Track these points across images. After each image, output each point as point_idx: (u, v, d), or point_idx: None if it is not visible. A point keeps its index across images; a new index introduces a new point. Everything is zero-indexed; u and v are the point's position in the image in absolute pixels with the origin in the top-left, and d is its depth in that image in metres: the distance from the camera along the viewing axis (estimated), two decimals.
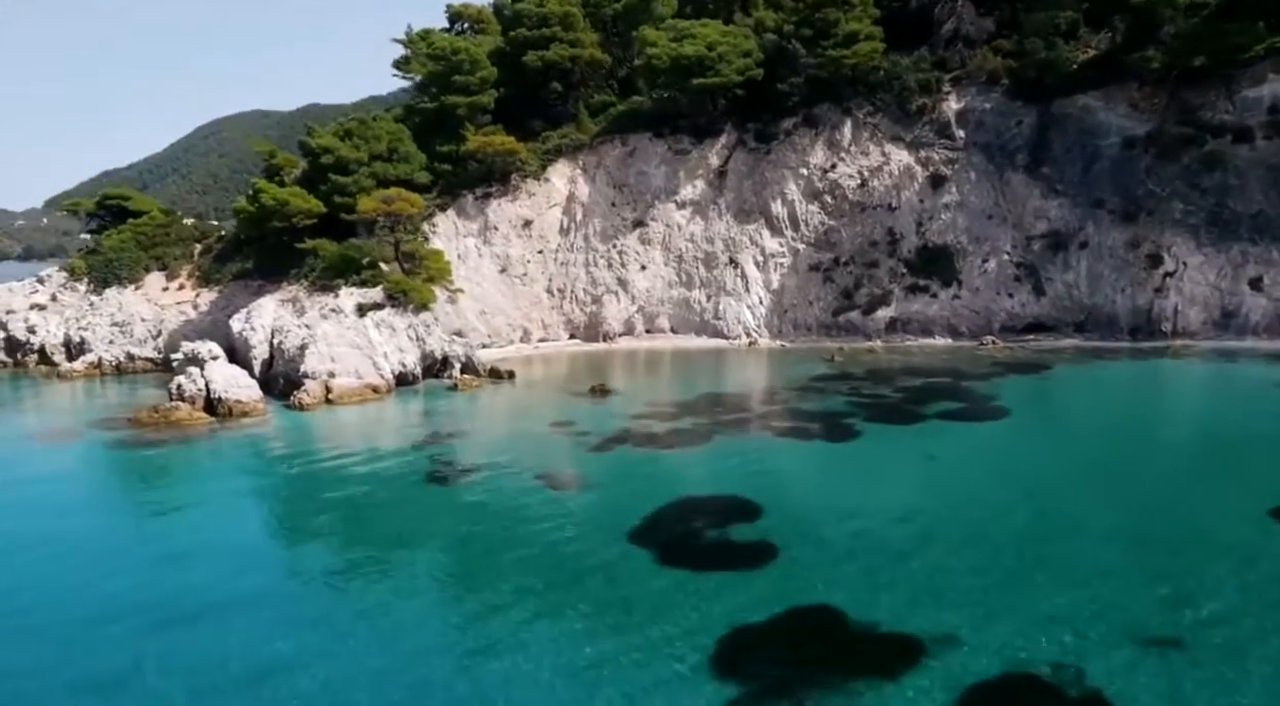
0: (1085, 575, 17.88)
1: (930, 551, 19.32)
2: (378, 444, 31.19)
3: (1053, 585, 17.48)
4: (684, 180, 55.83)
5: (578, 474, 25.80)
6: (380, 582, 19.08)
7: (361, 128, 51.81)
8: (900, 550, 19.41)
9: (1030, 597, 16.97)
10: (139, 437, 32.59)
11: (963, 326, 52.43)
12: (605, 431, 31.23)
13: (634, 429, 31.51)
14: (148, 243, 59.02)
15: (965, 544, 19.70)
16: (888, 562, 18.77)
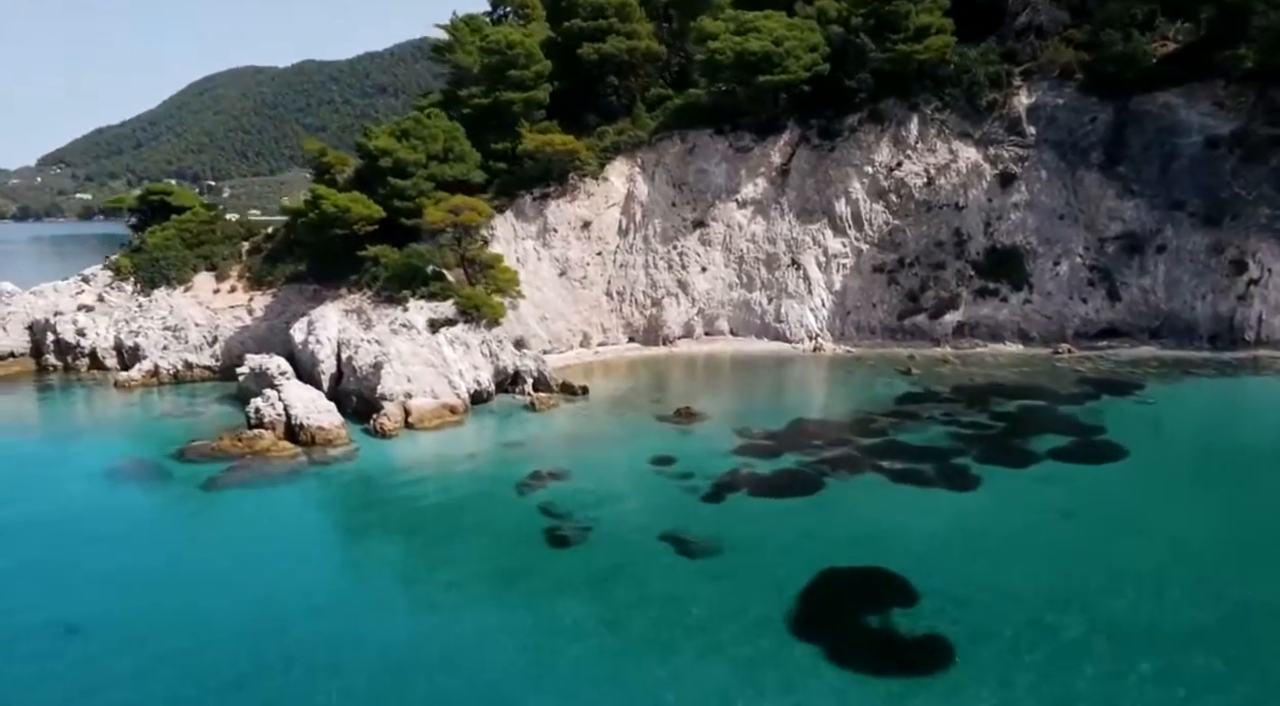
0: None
1: (1117, 649, 18.50)
2: (479, 486, 30.31)
3: None
4: (745, 178, 54.35)
5: (703, 535, 24.96)
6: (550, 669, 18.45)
7: (418, 127, 50.25)
8: (1081, 648, 18.63)
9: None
10: (232, 475, 31.73)
11: (1034, 332, 51.37)
12: (710, 472, 30.40)
13: (738, 469, 30.66)
14: (192, 240, 57.83)
15: (1148, 638, 18.95)
16: (1074, 667, 18.03)
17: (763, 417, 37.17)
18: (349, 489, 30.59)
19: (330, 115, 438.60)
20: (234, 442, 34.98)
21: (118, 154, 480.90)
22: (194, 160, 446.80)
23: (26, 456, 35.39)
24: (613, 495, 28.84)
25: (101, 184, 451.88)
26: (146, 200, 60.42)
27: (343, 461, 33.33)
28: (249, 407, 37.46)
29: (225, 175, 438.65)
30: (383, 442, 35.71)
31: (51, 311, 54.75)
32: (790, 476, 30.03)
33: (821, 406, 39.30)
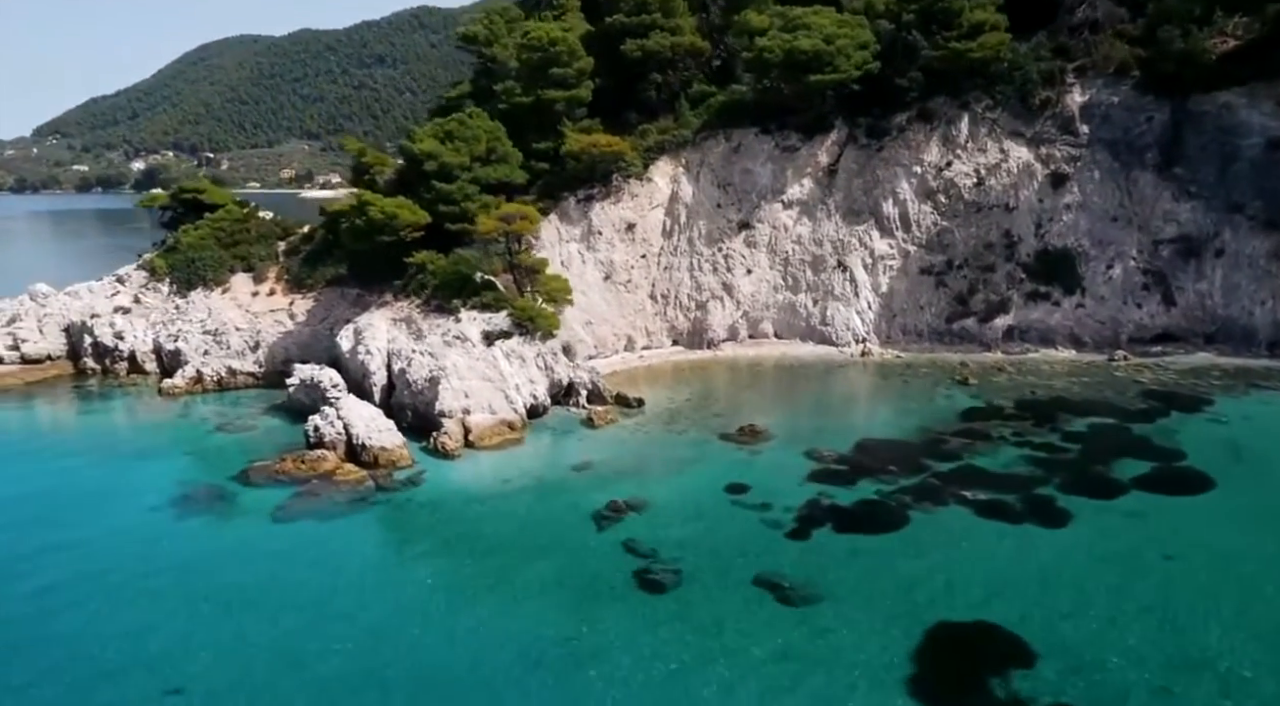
0: None
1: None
2: (555, 517, 29.82)
3: None
4: (791, 179, 53.38)
5: (798, 580, 24.52)
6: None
7: (461, 128, 49.21)
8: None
9: None
10: (300, 502, 31.36)
11: (1086, 337, 50.63)
12: (787, 502, 29.97)
13: (816, 499, 30.22)
14: (227, 240, 57.13)
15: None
16: None
17: (829, 436, 36.67)
18: (420, 521, 30.09)
19: (328, 85, 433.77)
20: (297, 465, 34.53)
21: (113, 124, 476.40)
22: (191, 131, 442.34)
23: (87, 481, 34.89)
24: (695, 531, 28.38)
25: (98, 155, 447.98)
26: (179, 198, 59.53)
27: (409, 487, 32.87)
28: (308, 426, 36.97)
29: (223, 147, 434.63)
30: (446, 464, 35.24)
31: (88, 313, 54.21)
32: (871, 508, 29.58)
33: (885, 422, 38.71)
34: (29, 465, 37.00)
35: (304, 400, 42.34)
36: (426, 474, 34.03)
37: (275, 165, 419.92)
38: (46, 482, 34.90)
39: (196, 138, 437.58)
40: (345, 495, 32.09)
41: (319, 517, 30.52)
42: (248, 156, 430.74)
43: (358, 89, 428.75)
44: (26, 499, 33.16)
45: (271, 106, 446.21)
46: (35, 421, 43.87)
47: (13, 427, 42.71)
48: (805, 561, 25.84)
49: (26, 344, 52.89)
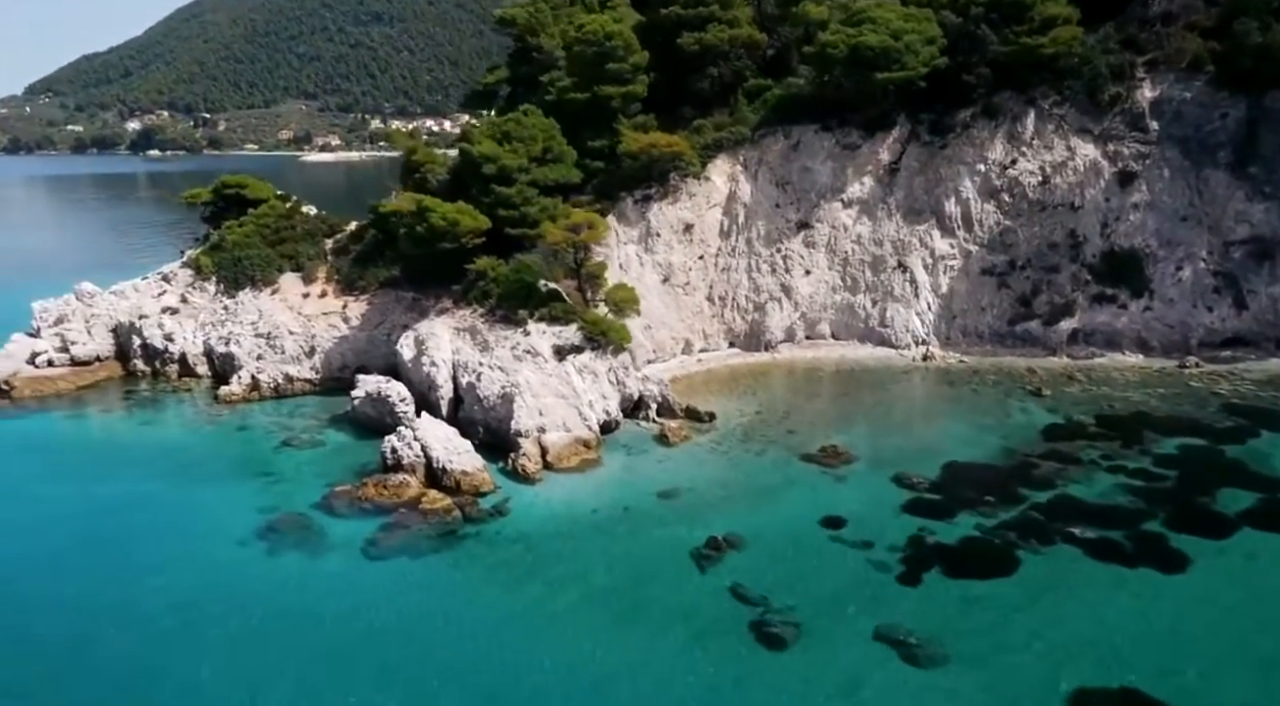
0: None
1: None
2: (652, 554, 29.33)
3: None
4: (851, 177, 52.18)
5: (922, 635, 23.95)
6: None
7: (518, 128, 47.94)
8: None
9: None
10: (391, 536, 30.88)
11: (1154, 341, 49.80)
12: (890, 539, 29.55)
13: (920, 536, 29.76)
14: (273, 237, 56.11)
15: None
16: None
17: (912, 458, 36.15)
18: (516, 561, 29.48)
19: (324, 44, 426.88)
20: (380, 491, 34.06)
21: (106, 83, 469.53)
22: (186, 91, 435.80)
23: (164, 507, 34.41)
24: (800, 572, 27.94)
25: (92, 115, 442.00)
26: (221, 193, 58.35)
27: (496, 517, 32.38)
28: (385, 447, 36.39)
29: (219, 107, 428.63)
30: (528, 489, 34.75)
31: (135, 313, 53.43)
32: (976, 547, 29.11)
33: (966, 441, 38.08)
34: (100, 487, 36.52)
35: (370, 413, 41.81)
36: (510, 501, 33.55)
37: (272, 126, 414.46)
38: (122, 509, 34.44)
39: (191, 97, 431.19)
40: (434, 528, 31.61)
41: (411, 554, 30.07)
42: (244, 117, 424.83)
43: (354, 48, 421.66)
44: (106, 529, 32.73)
45: (267, 65, 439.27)
46: (96, 433, 43.26)
47: (75, 441, 42.23)
48: (923, 613, 25.42)
49: (76, 346, 52.18)
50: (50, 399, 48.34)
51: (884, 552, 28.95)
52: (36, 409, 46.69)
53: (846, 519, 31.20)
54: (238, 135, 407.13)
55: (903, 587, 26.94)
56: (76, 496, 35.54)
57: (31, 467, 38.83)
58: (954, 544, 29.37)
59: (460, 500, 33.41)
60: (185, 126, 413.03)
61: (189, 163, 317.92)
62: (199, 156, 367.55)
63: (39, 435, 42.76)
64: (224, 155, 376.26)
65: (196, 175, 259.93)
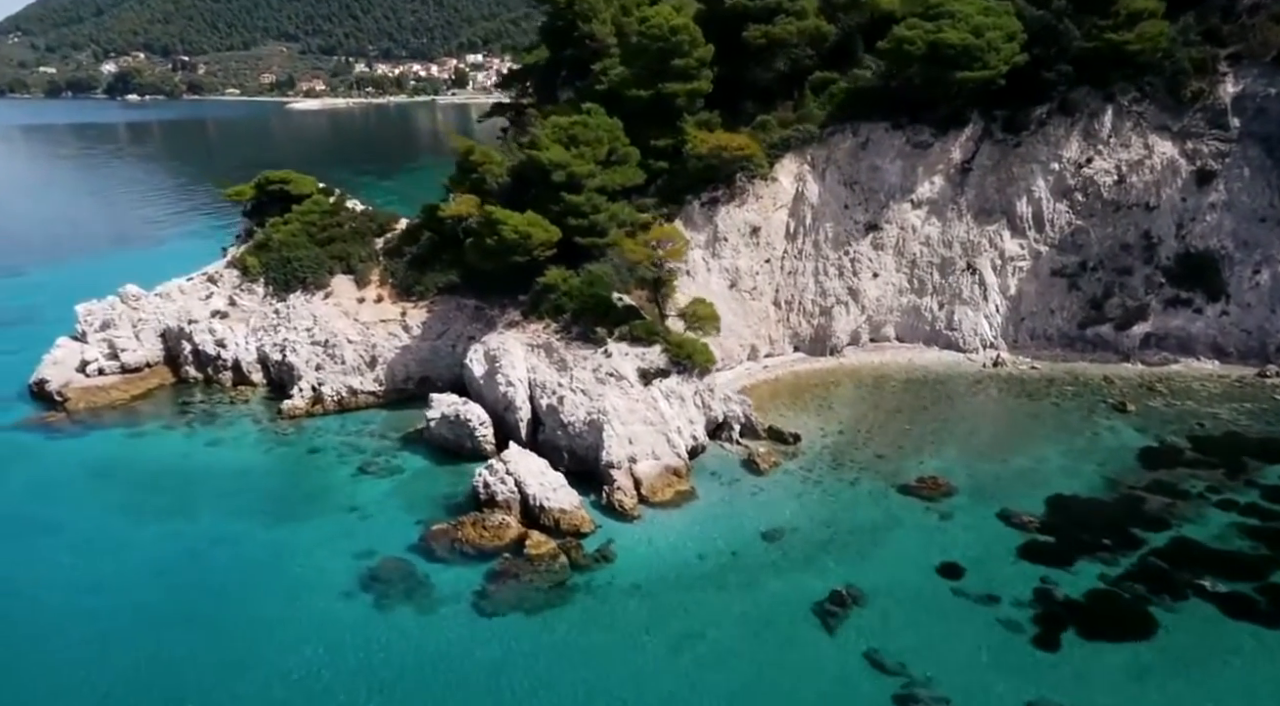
0: None
1: None
2: (774, 614, 28.54)
3: None
4: (922, 177, 50.48)
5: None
6: None
7: (585, 130, 45.97)
8: None
9: None
10: (501, 589, 29.96)
11: (1230, 347, 48.93)
12: (1012, 592, 28.98)
13: (1045, 590, 29.16)
14: (320, 235, 54.28)
15: None
16: None
17: (1012, 489, 35.49)
18: (632, 618, 28.60)
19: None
20: (479, 532, 33.15)
21: (77, 22, 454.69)
22: (161, 31, 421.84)
23: (252, 550, 33.34)
24: (934, 636, 27.27)
25: (64, 56, 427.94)
26: (265, 189, 56.18)
27: (603, 564, 31.51)
28: (476, 482, 35.39)
29: (197, 49, 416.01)
30: (627, 528, 33.91)
31: (184, 317, 51.82)
32: (1107, 604, 28.50)
33: (1063, 469, 37.26)
34: (182, 525, 35.45)
35: (447, 436, 40.80)
36: (614, 544, 32.71)
37: (254, 69, 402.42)
38: (213, 552, 33.50)
39: (168, 38, 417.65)
40: (543, 577, 30.79)
41: (526, 610, 29.28)
42: (224, 59, 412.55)
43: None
44: (200, 579, 31.75)
45: (245, 4, 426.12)
46: (163, 456, 41.78)
47: (143, 466, 40.85)
48: (1071, 686, 24.86)
49: (126, 353, 50.68)
50: (105, 411, 47.07)
51: (1011, 608, 28.38)
52: (94, 423, 45.42)
53: (963, 567, 30.57)
54: (218, 79, 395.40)
55: (1042, 653, 26.38)
56: (160, 538, 34.49)
57: (105, 498, 37.76)
58: (1082, 599, 28.79)
59: (563, 543, 32.58)
60: (163, 70, 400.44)
61: (169, 110, 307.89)
62: (178, 102, 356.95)
63: (104, 458, 41.49)
64: (204, 100, 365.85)
65: (179, 126, 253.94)
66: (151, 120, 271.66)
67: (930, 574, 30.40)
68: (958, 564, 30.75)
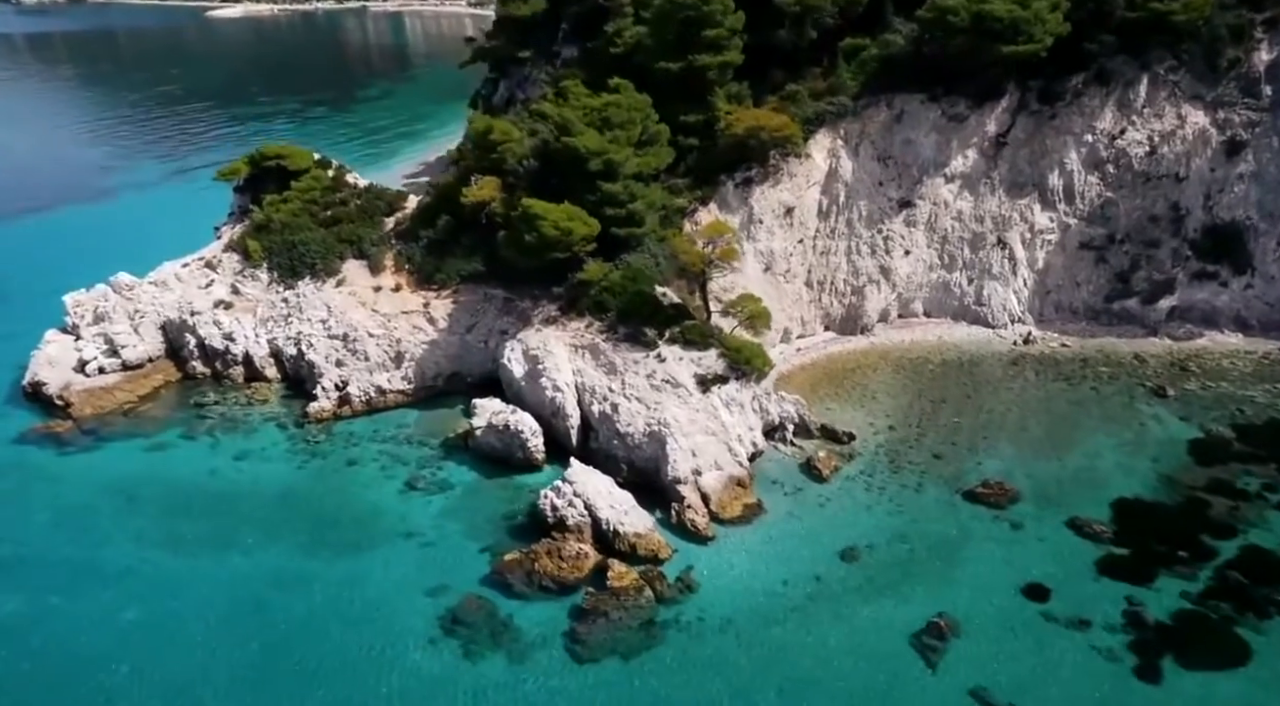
0: None
1: None
2: (871, 649, 28.31)
3: None
4: (956, 150, 48.84)
5: None
6: None
7: (617, 111, 43.13)
8: None
9: None
10: (590, 629, 28.98)
11: (1253, 319, 49.29)
12: (1104, 616, 29.14)
13: (1133, 612, 29.35)
14: (324, 216, 50.91)
15: None
16: None
17: (1077, 494, 35.52)
18: (731, 660, 28.11)
19: None
20: (557, 564, 31.99)
21: None
22: None
23: (321, 589, 31.78)
24: (1035, 669, 27.29)
25: None
26: (260, 165, 52.06)
27: (688, 595, 30.74)
28: (543, 504, 34.08)
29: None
30: (703, 551, 33.08)
31: (185, 309, 48.49)
32: (1197, 626, 28.84)
33: (1120, 465, 37.26)
34: (234, 561, 33.59)
35: (495, 445, 39.20)
36: (694, 571, 31.94)
37: None
38: (274, 592, 31.85)
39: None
40: (631, 613, 29.94)
41: (622, 654, 28.51)
42: None
43: None
44: (268, 628, 30.23)
45: None
46: (192, 475, 39.09)
47: (173, 487, 38.29)
48: None
49: (126, 349, 47.44)
50: (114, 417, 44.16)
51: (1104, 634, 28.58)
52: (107, 434, 42.57)
53: (1048, 587, 30.61)
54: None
55: (1147, 687, 26.65)
56: (212, 578, 32.65)
57: (140, 528, 35.54)
58: (1170, 622, 29.07)
59: (645, 572, 31.66)
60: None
61: (72, 18, 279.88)
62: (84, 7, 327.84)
63: (128, 478, 38.91)
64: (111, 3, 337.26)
65: (86, 39, 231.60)
66: (53, 31, 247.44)
67: (1016, 596, 30.41)
68: (1042, 584, 30.79)
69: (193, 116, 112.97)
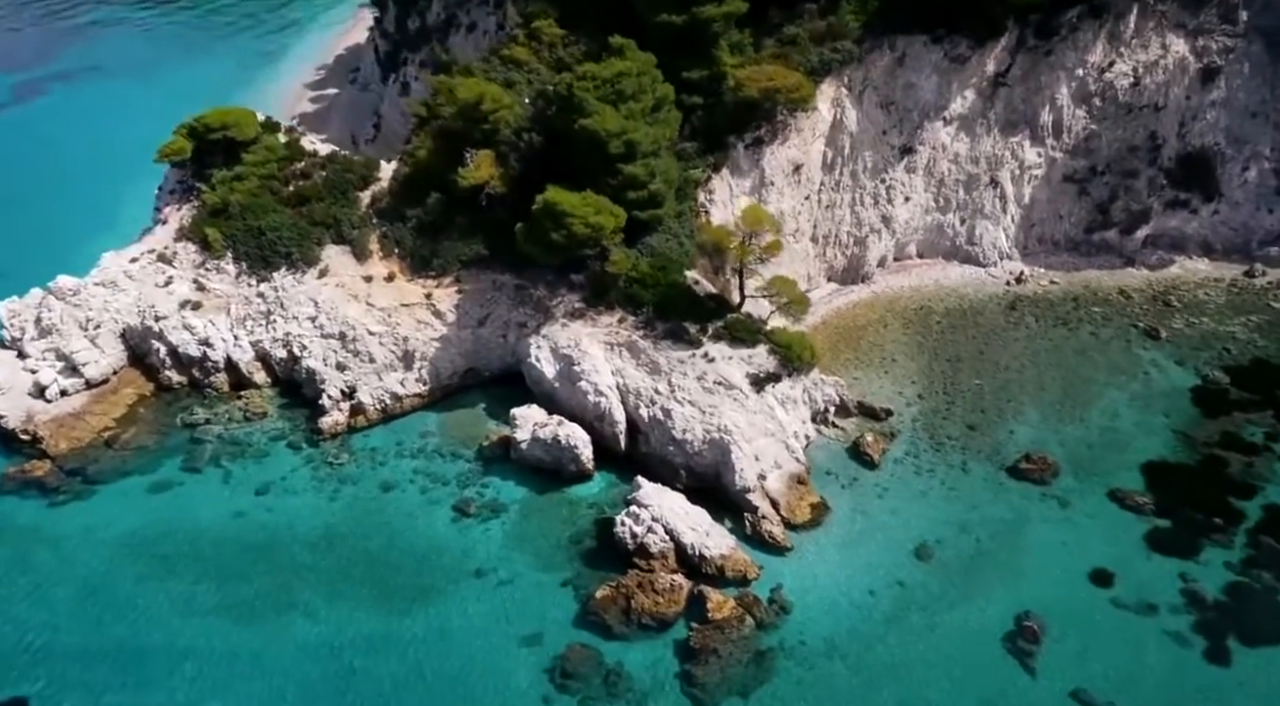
0: None
1: None
2: (969, 655, 29.52)
3: None
4: (956, 92, 47.16)
5: None
6: None
7: (629, 81, 38.96)
8: None
9: None
10: (704, 667, 28.87)
11: (1217, 244, 51.44)
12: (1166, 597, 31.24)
13: (1191, 591, 31.50)
14: (288, 193, 45.31)
15: None
16: None
17: (1110, 462, 37.20)
18: (846, 684, 28.94)
19: None
20: (653, 599, 31.36)
21: None
22: None
23: (413, 654, 30.30)
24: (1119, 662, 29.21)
25: None
26: (203, 137, 44.98)
27: (784, 617, 30.97)
28: (621, 532, 33.08)
29: None
30: (785, 564, 33.12)
31: (148, 312, 43.12)
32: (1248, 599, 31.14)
33: (1139, 424, 38.93)
34: (294, 624, 31.53)
35: (542, 458, 37.45)
36: (783, 588, 32.10)
37: None
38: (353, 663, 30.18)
39: None
40: (739, 646, 29.97)
41: (740, 693, 28.73)
42: None
43: None
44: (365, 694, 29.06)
45: None
46: (207, 519, 35.55)
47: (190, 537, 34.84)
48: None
49: (88, 367, 42.06)
50: (96, 449, 39.58)
51: (1171, 618, 30.74)
52: (94, 474, 38.16)
53: (1111, 571, 32.42)
54: None
55: (1220, 671, 29.01)
56: (290, 649, 30.62)
57: (188, 598, 32.65)
58: (1225, 598, 31.40)
59: (740, 597, 31.54)
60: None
61: None
62: None
63: (145, 532, 35.27)
64: None
65: None
66: None
67: (1085, 584, 32.13)
68: (1104, 569, 32.56)
69: None
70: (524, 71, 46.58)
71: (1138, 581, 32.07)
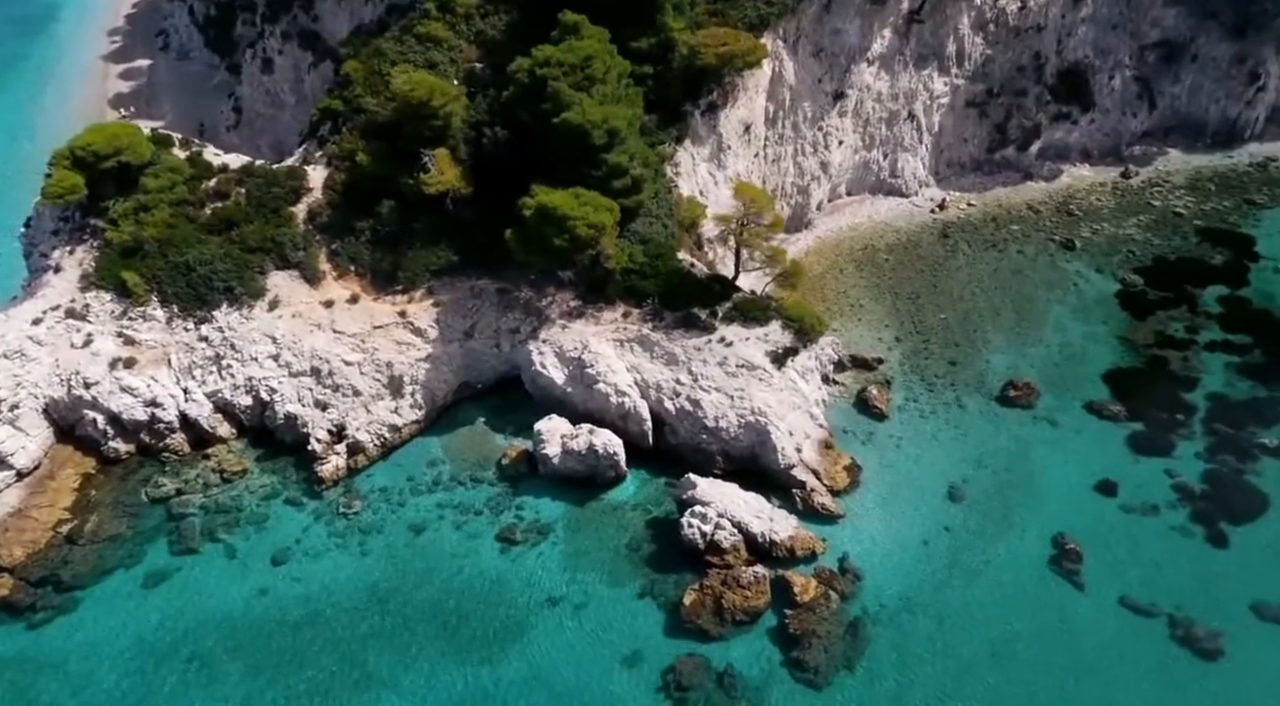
0: None
1: None
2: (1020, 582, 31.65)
3: None
4: (875, 32, 47.14)
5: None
6: None
7: (589, 64, 35.77)
8: None
9: None
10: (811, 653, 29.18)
11: (1094, 149, 55.57)
12: (1161, 495, 34.64)
13: (1179, 485, 35.18)
14: (205, 218, 39.14)
15: None
16: None
17: (1073, 378, 40.27)
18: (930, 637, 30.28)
19: None
20: (741, 594, 31.16)
21: None
22: None
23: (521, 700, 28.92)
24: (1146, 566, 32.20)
25: None
26: (94, 168, 37.23)
27: (860, 584, 31.78)
28: (688, 532, 32.46)
29: None
30: (841, 531, 33.73)
31: (74, 380, 36.69)
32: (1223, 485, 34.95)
33: (1086, 336, 42.16)
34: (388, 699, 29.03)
35: (577, 468, 35.76)
36: (850, 557, 32.90)
37: None
38: None
39: None
40: (833, 624, 30.43)
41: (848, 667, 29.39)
42: None
43: None
44: None
45: None
46: (235, 608, 31.41)
47: (221, 629, 30.84)
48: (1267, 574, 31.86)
49: (16, 456, 35.44)
50: (58, 549, 33.81)
51: (1172, 513, 34.29)
52: (70, 578, 32.65)
53: (1112, 480, 35.45)
54: None
55: (1225, 555, 32.88)
56: None
57: (245, 694, 29.15)
58: (1206, 485, 35.24)
59: (819, 573, 32.06)
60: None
61: None
62: None
63: (169, 636, 30.84)
64: None
65: None
66: None
67: (1094, 496, 35.06)
68: (1106, 479, 35.56)
69: None
70: (445, 49, 41.85)
71: (1135, 485, 35.40)
